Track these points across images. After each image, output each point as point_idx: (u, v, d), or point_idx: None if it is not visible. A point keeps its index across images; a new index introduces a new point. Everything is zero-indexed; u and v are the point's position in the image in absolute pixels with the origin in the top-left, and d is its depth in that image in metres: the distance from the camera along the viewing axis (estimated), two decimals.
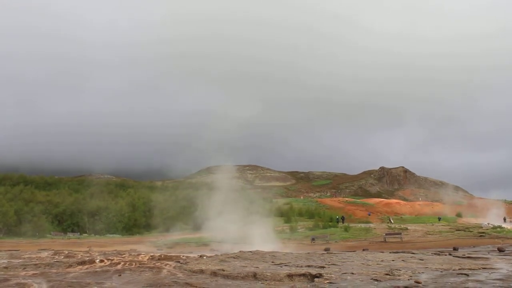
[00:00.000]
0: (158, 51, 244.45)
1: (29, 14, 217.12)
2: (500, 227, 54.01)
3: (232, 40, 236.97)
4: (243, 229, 36.70)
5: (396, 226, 56.18)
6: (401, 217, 75.40)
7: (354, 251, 30.76)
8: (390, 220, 68.57)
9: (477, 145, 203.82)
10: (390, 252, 29.21)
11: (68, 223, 56.67)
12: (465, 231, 50.94)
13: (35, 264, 18.31)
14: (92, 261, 18.82)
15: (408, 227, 53.32)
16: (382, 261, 20.99)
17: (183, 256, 22.56)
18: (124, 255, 22.00)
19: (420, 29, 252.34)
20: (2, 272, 16.47)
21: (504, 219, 64.76)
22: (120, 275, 15.82)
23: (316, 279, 14.68)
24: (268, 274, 15.30)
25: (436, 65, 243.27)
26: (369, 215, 78.80)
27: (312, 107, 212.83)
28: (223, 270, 16.26)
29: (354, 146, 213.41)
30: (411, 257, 23.49)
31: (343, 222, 59.32)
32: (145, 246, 39.27)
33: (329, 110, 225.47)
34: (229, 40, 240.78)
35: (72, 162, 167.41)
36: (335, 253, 27.06)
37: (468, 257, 24.48)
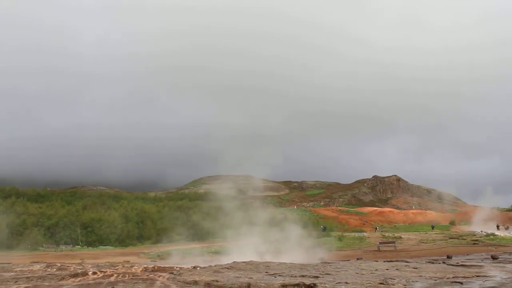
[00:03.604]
0: (152, 64, 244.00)
1: (23, 29, 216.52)
2: (493, 234, 54.20)
3: (225, 52, 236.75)
4: (237, 239, 36.62)
5: (390, 234, 56.25)
6: (395, 226, 75.50)
7: (348, 260, 30.74)
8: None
9: (469, 153, 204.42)
10: (384, 261, 29.24)
11: (61, 235, 56.12)
12: (458, 239, 51.08)
13: (27, 277, 18.14)
14: (85, 274, 18.68)
15: (402, 236, 53.39)
16: (376, 270, 21.00)
17: (176, 267, 22.44)
18: (117, 267, 21.87)
19: (411, 41, 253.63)
20: None
21: (497, 227, 64.94)
22: (113, 287, 15.72)
23: None
24: (262, 284, 15.26)
25: (427, 76, 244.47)
26: (364, 224, 78.92)
27: (305, 118, 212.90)
28: (217, 281, 16.19)
29: (347, 155, 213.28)
30: (405, 266, 23.53)
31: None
32: (138, 258, 39.05)
33: (322, 120, 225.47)
34: (223, 53, 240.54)
35: (66, 175, 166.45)
36: (329, 263, 27.04)
37: (462, 265, 24.56)
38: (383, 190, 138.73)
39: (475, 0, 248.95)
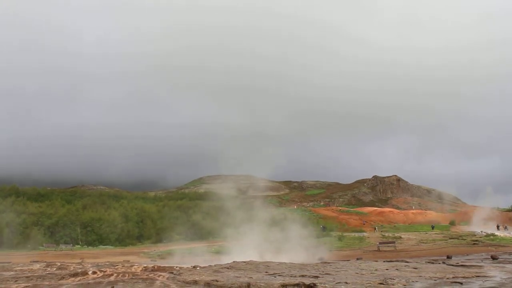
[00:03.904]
0: (152, 64, 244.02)
1: (23, 29, 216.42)
2: (493, 234, 54.15)
3: (225, 52, 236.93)
4: (236, 239, 36.61)
5: (390, 234, 56.23)
6: (395, 226, 75.47)
7: (348, 260, 30.73)
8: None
9: (469, 153, 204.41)
10: (384, 261, 29.24)
11: (61, 234, 56.18)
12: (458, 239, 51.05)
13: (27, 277, 18.14)
14: (84, 273, 18.68)
15: (402, 236, 53.37)
16: (376, 270, 21.00)
17: (176, 267, 22.44)
18: (117, 267, 21.87)
19: (411, 40, 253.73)
20: None
21: (498, 227, 64.94)
22: (113, 287, 15.71)
23: None
24: (262, 284, 15.26)
25: (427, 76, 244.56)
26: (364, 224, 78.93)
27: (305, 118, 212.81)
28: (217, 281, 16.19)
29: (347, 155, 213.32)
30: (405, 266, 23.53)
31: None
32: (138, 257, 39.06)
33: (322, 120, 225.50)
34: (223, 53, 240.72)
35: (66, 174, 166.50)
36: (329, 263, 27.04)
37: (462, 265, 24.55)
38: (383, 190, 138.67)
39: (475, 0, 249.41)
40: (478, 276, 18.67)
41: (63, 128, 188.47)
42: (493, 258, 31.46)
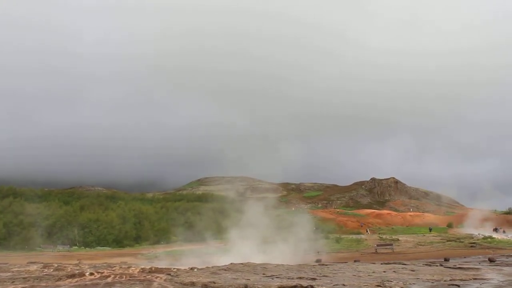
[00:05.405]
0: (152, 64, 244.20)
1: (23, 29, 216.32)
2: (491, 237, 54.18)
3: (225, 53, 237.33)
4: (234, 240, 36.57)
5: (388, 237, 56.27)
6: (392, 228, 75.52)
7: (345, 262, 30.72)
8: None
9: (468, 155, 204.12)
10: (381, 263, 29.22)
11: (58, 235, 56.10)
12: (456, 241, 51.07)
13: (24, 278, 18.09)
14: (82, 274, 18.63)
15: (399, 238, 53.40)
16: (373, 272, 21.01)
17: (173, 268, 22.39)
18: (115, 268, 21.81)
19: (411, 43, 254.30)
20: None
21: (496, 229, 64.98)
22: None
23: None
24: (259, 286, 15.25)
25: (426, 78, 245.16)
26: (362, 226, 79.07)
27: (304, 119, 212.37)
28: (214, 283, 16.17)
29: (345, 157, 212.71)
30: (402, 268, 23.52)
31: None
32: (135, 259, 38.98)
33: (321, 121, 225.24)
34: (222, 54, 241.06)
35: (65, 175, 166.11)
36: (326, 265, 27.04)
37: (459, 268, 24.57)
38: (381, 192, 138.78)
39: (475, 3, 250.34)
40: (475, 279, 18.69)
41: (63, 128, 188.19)
42: (491, 260, 31.50)
